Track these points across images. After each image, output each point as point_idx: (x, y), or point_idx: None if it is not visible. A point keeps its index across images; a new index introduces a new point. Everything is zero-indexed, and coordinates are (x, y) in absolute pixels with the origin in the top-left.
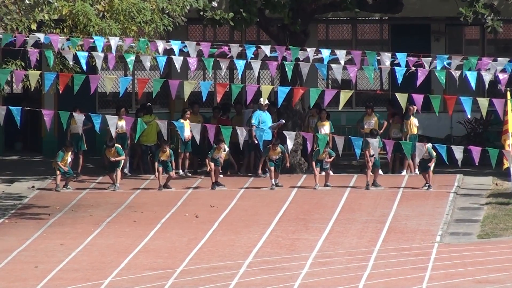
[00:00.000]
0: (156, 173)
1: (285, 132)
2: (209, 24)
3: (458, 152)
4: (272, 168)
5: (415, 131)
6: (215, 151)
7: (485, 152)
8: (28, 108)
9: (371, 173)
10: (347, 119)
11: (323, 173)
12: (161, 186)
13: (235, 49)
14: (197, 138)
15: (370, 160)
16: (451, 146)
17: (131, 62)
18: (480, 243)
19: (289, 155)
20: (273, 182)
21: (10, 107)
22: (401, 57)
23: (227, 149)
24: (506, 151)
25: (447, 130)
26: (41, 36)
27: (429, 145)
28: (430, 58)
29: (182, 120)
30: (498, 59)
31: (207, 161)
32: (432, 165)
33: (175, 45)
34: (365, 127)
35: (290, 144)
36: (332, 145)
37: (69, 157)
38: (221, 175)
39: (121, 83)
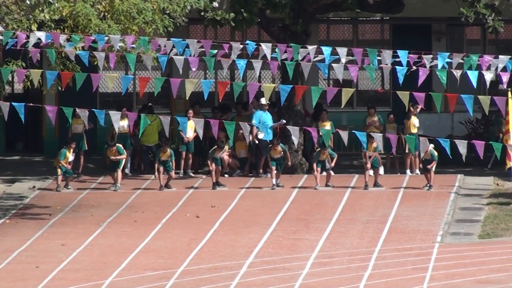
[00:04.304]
0: (157, 173)
1: (289, 127)
2: (210, 24)
3: (462, 146)
4: (274, 167)
5: (414, 131)
6: (216, 151)
7: (486, 153)
8: (32, 104)
9: (371, 174)
10: (348, 119)
11: (324, 174)
12: (162, 186)
13: (236, 46)
14: (201, 134)
15: (372, 157)
16: (455, 140)
17: (132, 61)
18: (481, 243)
19: (291, 154)
20: (274, 182)
21: (14, 103)
22: (402, 54)
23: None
24: (510, 145)
25: (448, 130)
26: (41, 35)
27: (432, 146)
28: (431, 56)
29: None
30: (500, 56)
31: (208, 161)
32: (432, 167)
33: (176, 43)
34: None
35: (295, 139)
36: (334, 144)
37: (70, 155)
38: (226, 175)
39: (122, 81)
